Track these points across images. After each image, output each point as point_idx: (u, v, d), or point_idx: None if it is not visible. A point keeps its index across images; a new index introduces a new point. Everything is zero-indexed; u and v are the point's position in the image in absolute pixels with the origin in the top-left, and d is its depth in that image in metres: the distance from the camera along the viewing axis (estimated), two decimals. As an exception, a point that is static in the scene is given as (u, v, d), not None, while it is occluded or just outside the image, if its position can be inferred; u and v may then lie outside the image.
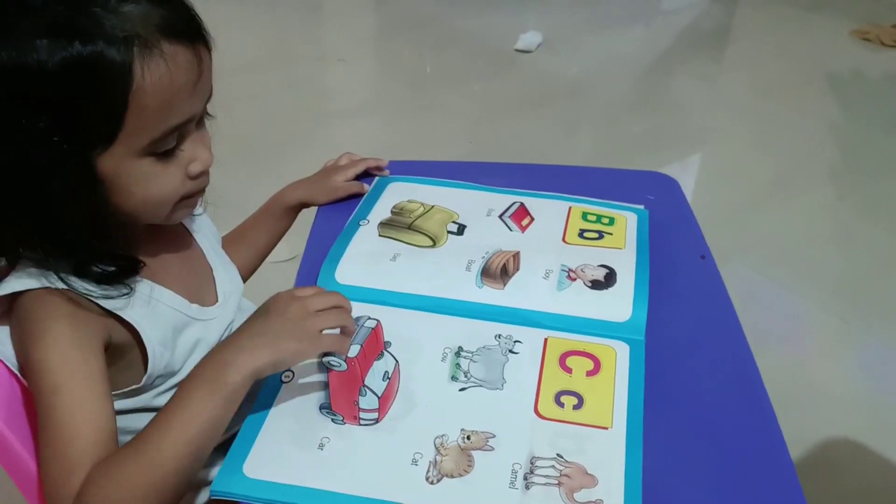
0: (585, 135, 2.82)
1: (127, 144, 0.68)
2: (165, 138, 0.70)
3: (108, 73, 0.64)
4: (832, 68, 3.26)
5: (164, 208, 0.75)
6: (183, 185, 0.75)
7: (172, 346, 0.80)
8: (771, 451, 0.76)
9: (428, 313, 0.89)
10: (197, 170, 0.74)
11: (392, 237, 1.00)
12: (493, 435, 0.74)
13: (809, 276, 2.07)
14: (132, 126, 0.67)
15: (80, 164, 0.67)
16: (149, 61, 0.65)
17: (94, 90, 0.64)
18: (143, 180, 0.71)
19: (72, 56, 0.62)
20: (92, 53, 0.63)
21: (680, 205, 1.13)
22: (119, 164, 0.69)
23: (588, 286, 0.93)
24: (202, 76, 0.71)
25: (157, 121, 0.68)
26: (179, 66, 0.67)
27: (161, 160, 0.71)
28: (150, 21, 0.65)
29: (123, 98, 0.65)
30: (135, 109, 0.66)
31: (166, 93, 0.67)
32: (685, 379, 0.84)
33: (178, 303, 0.81)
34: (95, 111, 0.65)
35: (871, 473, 1.56)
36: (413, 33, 3.45)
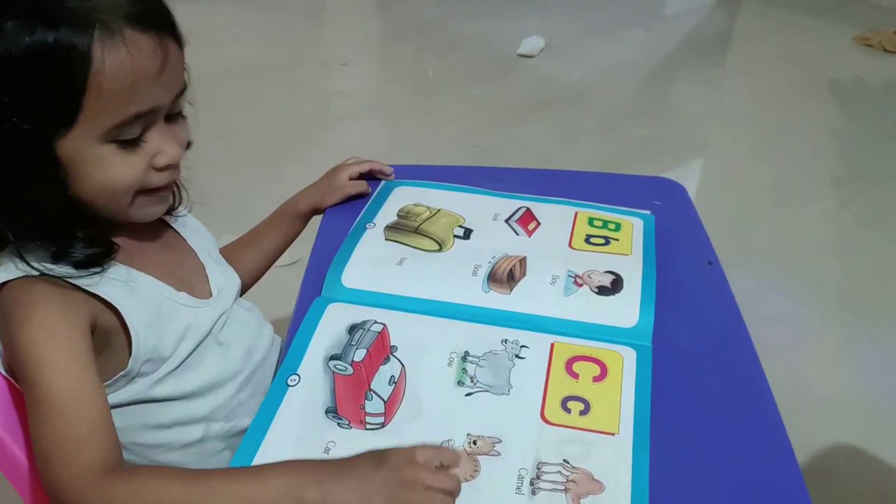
0: (587, 140, 2.82)
1: (87, 128, 0.68)
2: (127, 126, 0.70)
3: (68, 55, 0.65)
4: (834, 74, 3.26)
5: (122, 198, 0.75)
6: (145, 175, 0.74)
7: (159, 330, 0.79)
8: (778, 458, 0.75)
9: (434, 318, 0.89)
10: (162, 162, 0.75)
11: (398, 241, 1.00)
12: (499, 440, 0.74)
13: (811, 282, 2.07)
14: (92, 109, 0.67)
15: (41, 146, 0.68)
16: (109, 45, 0.66)
17: (54, 72, 0.65)
18: (102, 166, 0.71)
19: (34, 41, 0.64)
20: (54, 37, 0.64)
21: (687, 211, 1.13)
22: (80, 148, 0.69)
23: (595, 292, 0.93)
24: (167, 66, 0.71)
25: (118, 105, 0.68)
26: (141, 53, 0.68)
27: (123, 148, 0.72)
28: (116, 8, 0.67)
29: (82, 80, 0.66)
30: (94, 92, 0.67)
31: (126, 78, 0.68)
32: (692, 385, 0.84)
33: (162, 288, 0.81)
34: (55, 93, 0.66)
35: (873, 480, 1.56)
36: (416, 37, 3.45)
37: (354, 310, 0.89)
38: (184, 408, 0.83)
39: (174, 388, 0.81)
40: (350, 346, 0.84)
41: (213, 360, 0.85)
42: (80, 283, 0.73)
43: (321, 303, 0.90)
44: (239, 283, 0.94)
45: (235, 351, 0.87)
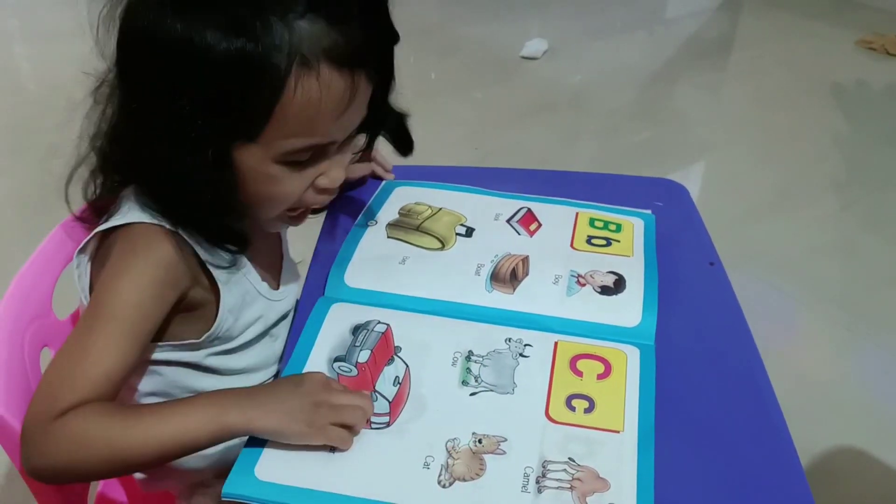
0: (589, 143, 2.82)
1: (265, 147, 0.71)
2: (301, 153, 0.73)
3: (263, 77, 0.67)
4: (836, 78, 3.26)
5: (276, 209, 0.79)
6: (306, 194, 0.78)
7: (237, 315, 0.83)
8: (781, 458, 0.76)
9: (438, 317, 0.89)
10: (323, 184, 0.78)
11: (400, 239, 1.00)
12: (504, 439, 0.74)
13: (813, 286, 2.07)
14: (272, 133, 0.70)
15: (219, 149, 0.70)
16: (303, 79, 0.68)
17: (247, 89, 0.67)
18: (269, 182, 0.74)
19: (235, 50, 0.65)
20: (253, 55, 0.66)
21: (689, 211, 1.14)
22: (252, 163, 0.72)
23: (598, 291, 0.93)
24: (352, 106, 0.72)
25: (297, 136, 0.71)
26: (331, 92, 0.70)
27: (292, 169, 0.74)
28: (319, 43, 0.68)
29: (270, 105, 0.68)
30: (278, 118, 0.69)
31: (311, 112, 0.70)
32: (695, 385, 0.84)
33: (254, 277, 0.86)
34: (242, 109, 0.68)
35: (874, 482, 1.56)
36: (418, 40, 3.45)
37: (358, 310, 0.89)
38: (220, 382, 0.86)
39: (222, 363, 0.86)
40: (354, 348, 0.84)
41: (261, 347, 0.90)
42: (202, 254, 0.77)
43: (325, 303, 0.90)
44: (300, 279, 0.97)
45: (279, 344, 0.93)
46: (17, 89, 3.00)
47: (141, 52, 0.69)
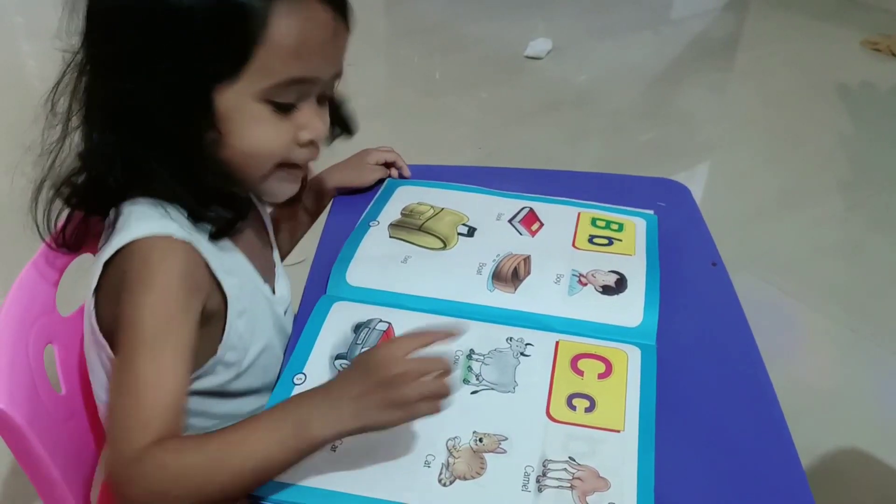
0: (593, 142, 2.82)
1: (249, 83, 0.70)
2: (287, 88, 0.72)
3: (250, 4, 0.67)
4: (842, 79, 3.25)
5: (264, 165, 0.77)
6: (289, 147, 0.77)
7: (249, 320, 0.81)
8: (781, 458, 0.76)
9: (439, 316, 0.89)
10: (307, 137, 0.77)
11: (402, 238, 1.01)
12: (505, 438, 0.75)
13: (818, 287, 2.07)
14: (259, 63, 0.69)
15: (201, 96, 0.70)
16: (291, 5, 0.69)
17: (232, 18, 0.67)
18: (254, 125, 0.73)
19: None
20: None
21: (691, 212, 1.14)
22: (236, 103, 0.71)
23: (599, 291, 0.93)
24: (335, 41, 0.74)
25: (284, 65, 0.71)
26: (317, 21, 0.71)
27: (276, 112, 0.74)
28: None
29: (257, 32, 0.68)
30: (265, 46, 0.69)
31: (297, 39, 0.70)
32: (696, 385, 0.84)
33: (255, 278, 0.84)
34: (229, 40, 0.68)
35: (876, 484, 1.55)
36: (423, 39, 3.46)
37: (359, 308, 0.90)
38: (234, 405, 0.84)
39: (243, 384, 0.83)
40: (356, 346, 0.84)
41: (264, 361, 0.86)
42: (214, 267, 0.75)
43: (326, 301, 0.91)
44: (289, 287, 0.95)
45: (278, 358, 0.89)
46: (22, 86, 3.00)
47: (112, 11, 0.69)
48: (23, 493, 1.40)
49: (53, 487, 0.77)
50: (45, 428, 0.76)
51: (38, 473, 0.76)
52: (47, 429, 0.76)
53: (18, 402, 0.72)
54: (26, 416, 0.72)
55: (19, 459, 0.75)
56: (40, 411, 0.76)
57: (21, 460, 0.74)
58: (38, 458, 0.74)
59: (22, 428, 0.71)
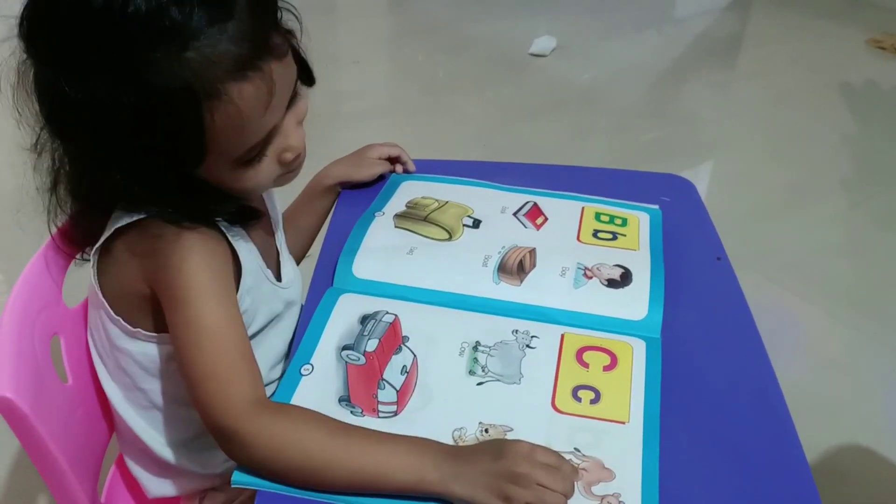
0: (597, 141, 2.82)
1: (216, 162, 0.72)
2: (249, 152, 0.73)
3: (178, 119, 0.66)
4: (846, 77, 3.25)
5: (260, 192, 0.82)
6: (277, 171, 0.78)
7: (252, 300, 0.83)
8: (786, 454, 0.76)
9: (445, 308, 0.90)
10: (289, 158, 0.78)
11: (408, 228, 1.01)
12: (510, 429, 0.75)
13: (822, 285, 2.07)
14: (215, 154, 0.70)
15: (178, 174, 0.72)
16: (216, 107, 0.67)
17: (169, 132, 0.67)
18: (239, 180, 0.75)
19: (138, 102, 0.65)
20: (159, 102, 0.65)
21: (696, 207, 1.14)
22: (214, 172, 0.73)
23: (604, 284, 0.93)
24: (274, 93, 0.71)
25: (237, 146, 0.72)
26: (247, 101, 0.68)
27: (253, 164, 0.75)
28: (213, 68, 0.65)
29: (199, 138, 0.68)
30: (212, 145, 0.69)
31: (238, 126, 0.69)
32: (701, 378, 0.84)
33: (261, 263, 0.86)
34: (176, 144, 0.68)
35: (881, 482, 1.55)
36: (427, 37, 3.46)
37: (366, 300, 0.90)
38: None
39: None
40: (362, 337, 0.84)
41: (272, 343, 0.89)
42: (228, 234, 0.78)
43: (333, 293, 0.91)
44: (300, 277, 0.96)
45: (282, 343, 0.92)
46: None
47: (61, 116, 0.69)
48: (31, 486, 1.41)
49: (61, 477, 0.78)
50: (52, 418, 0.76)
51: (46, 463, 0.76)
52: (54, 419, 0.77)
53: (25, 391, 0.72)
54: (32, 406, 0.72)
55: (27, 449, 0.75)
56: (47, 401, 0.77)
57: (28, 450, 0.75)
58: (45, 448, 0.74)
59: (29, 417, 0.71)
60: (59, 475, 0.77)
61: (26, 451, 0.75)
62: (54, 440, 0.75)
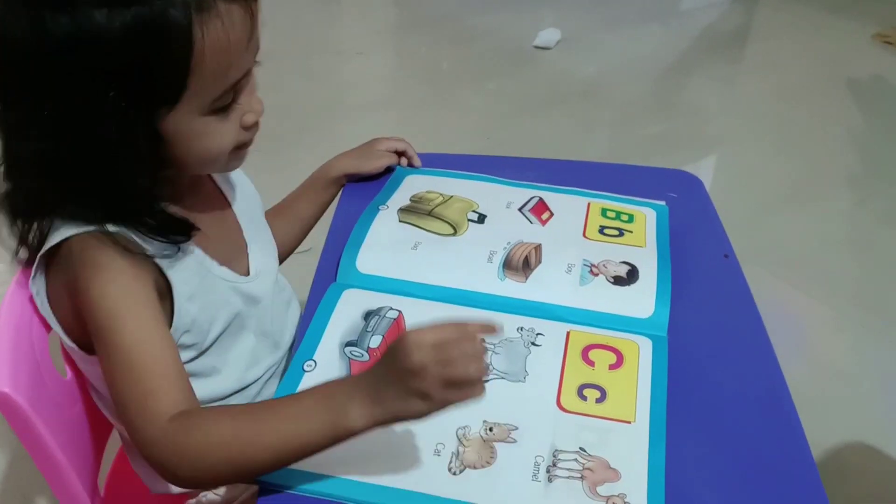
0: (601, 134, 2.81)
1: (190, 104, 0.69)
2: (225, 95, 0.71)
3: (170, 36, 0.64)
4: (853, 72, 3.23)
5: (220, 160, 0.77)
6: (238, 135, 0.76)
7: (200, 303, 0.79)
8: (793, 451, 0.75)
9: (450, 305, 0.89)
10: (251, 120, 0.76)
11: (412, 223, 1.00)
12: (515, 427, 0.74)
13: (827, 280, 2.06)
14: (194, 87, 0.68)
15: (145, 128, 0.68)
16: (207, 22, 0.65)
17: (157, 55, 0.65)
18: (203, 136, 0.72)
19: (131, 22, 0.62)
20: (151, 16, 0.63)
21: (703, 203, 1.13)
22: (181, 123, 0.70)
23: (610, 282, 0.92)
24: (254, 31, 0.71)
25: (218, 80, 0.69)
26: (235, 24, 0.68)
27: (219, 115, 0.73)
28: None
29: (185, 62, 0.66)
30: (196, 72, 0.67)
31: (225, 52, 0.68)
32: (707, 376, 0.83)
33: (208, 262, 0.81)
34: (159, 76, 0.66)
35: (887, 478, 1.55)
36: (431, 28, 3.44)
37: (370, 296, 0.89)
38: (207, 386, 0.83)
39: (203, 365, 0.82)
40: (366, 333, 0.84)
41: (247, 343, 0.86)
42: (147, 249, 0.74)
43: (336, 289, 0.90)
44: (276, 267, 0.94)
45: (264, 341, 0.89)
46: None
47: (33, 61, 0.65)
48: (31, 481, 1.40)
49: (60, 472, 0.77)
50: (50, 412, 0.76)
51: (44, 458, 0.76)
52: (52, 413, 0.76)
53: (22, 386, 0.72)
54: (30, 401, 0.72)
55: (25, 443, 0.75)
56: (44, 395, 0.76)
57: (27, 444, 0.74)
58: (43, 443, 0.74)
59: (26, 411, 0.71)
60: (58, 470, 0.77)
61: (24, 446, 0.74)
62: (53, 435, 0.75)
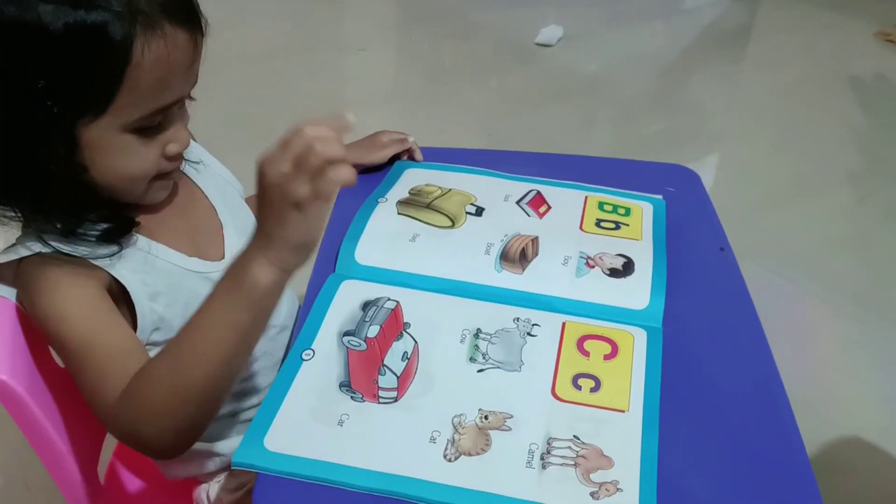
0: (603, 131, 2.81)
1: (115, 117, 0.69)
2: (152, 116, 0.71)
3: (110, 45, 0.64)
4: (854, 70, 3.23)
5: (138, 185, 0.76)
6: (158, 163, 0.75)
7: (168, 300, 0.79)
8: (785, 442, 0.76)
9: (447, 296, 0.90)
10: (174, 151, 0.76)
11: (410, 216, 1.01)
12: (510, 415, 0.75)
13: (826, 277, 2.06)
14: (124, 101, 0.68)
15: (64, 130, 0.68)
16: (150, 39, 0.66)
17: (94, 60, 0.65)
18: (121, 154, 0.72)
19: (74, 23, 0.63)
20: (95, 23, 0.63)
21: (700, 197, 1.13)
22: (102, 136, 0.69)
23: (606, 274, 0.93)
24: (195, 60, 0.72)
25: (149, 99, 0.69)
26: (178, 48, 0.68)
27: (142, 137, 0.72)
28: (155, 1, 0.66)
29: (120, 72, 0.66)
30: (129, 85, 0.67)
31: (162, 72, 0.68)
32: (702, 368, 0.84)
33: (175, 257, 0.81)
34: (91, 81, 0.66)
35: (883, 477, 1.55)
36: (433, 25, 3.45)
37: (368, 287, 0.90)
38: None
39: None
40: (364, 323, 0.84)
41: None
42: (95, 262, 0.74)
43: (335, 279, 0.91)
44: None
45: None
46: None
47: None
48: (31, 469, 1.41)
49: (59, 459, 0.78)
50: (48, 400, 0.77)
51: (43, 445, 0.77)
52: (50, 400, 0.77)
53: (20, 373, 0.73)
54: (28, 388, 0.73)
55: (24, 431, 0.76)
56: (43, 383, 0.77)
57: (26, 432, 0.75)
58: (42, 430, 0.75)
59: (24, 399, 0.72)
60: (58, 457, 0.78)
61: (24, 433, 0.75)
62: (51, 422, 0.76)
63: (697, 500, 0.70)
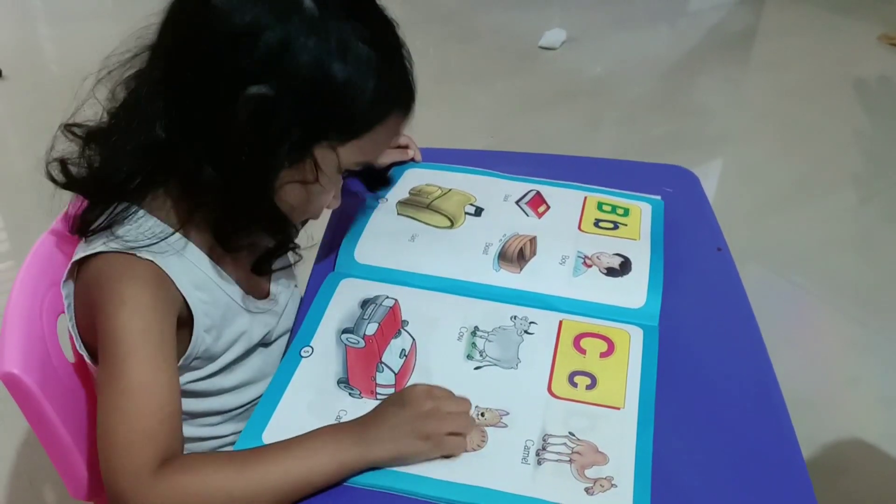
0: (607, 134, 2.82)
1: (348, 152, 0.75)
2: (358, 165, 0.78)
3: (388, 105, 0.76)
4: (858, 73, 3.23)
5: (298, 218, 0.81)
6: (323, 205, 0.82)
7: (217, 335, 0.80)
8: (779, 441, 0.76)
9: (445, 294, 0.91)
10: (333, 206, 0.83)
11: (410, 216, 1.02)
12: (506, 412, 0.76)
13: (829, 279, 2.07)
14: (361, 143, 0.75)
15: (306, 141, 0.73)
16: (400, 116, 0.78)
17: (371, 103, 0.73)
18: (321, 190, 0.77)
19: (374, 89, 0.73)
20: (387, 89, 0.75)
21: (698, 198, 1.14)
22: (326, 163, 0.75)
23: (603, 273, 0.94)
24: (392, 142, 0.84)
25: (370, 154, 0.78)
26: (394, 130, 0.79)
27: (336, 182, 0.80)
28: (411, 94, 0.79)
29: (375, 122, 0.75)
30: (373, 135, 0.75)
31: (387, 140, 0.80)
32: (697, 367, 0.84)
33: (234, 291, 0.82)
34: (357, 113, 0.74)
35: (883, 478, 1.55)
36: (438, 27, 3.46)
37: (367, 285, 0.91)
38: (210, 403, 0.84)
39: (208, 385, 0.82)
40: (362, 320, 0.85)
41: (255, 360, 0.86)
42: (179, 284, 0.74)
43: (334, 278, 0.92)
44: (295, 291, 0.94)
45: (276, 349, 0.89)
46: (40, 70, 3.03)
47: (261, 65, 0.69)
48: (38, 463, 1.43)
49: (65, 453, 0.79)
50: (58, 394, 0.77)
51: (50, 439, 0.77)
52: (60, 395, 0.78)
53: (31, 368, 0.74)
54: (39, 382, 0.74)
55: (32, 424, 0.76)
56: (53, 378, 0.78)
57: (34, 425, 0.76)
58: (49, 424, 0.76)
59: (34, 393, 0.73)
60: (63, 451, 0.78)
61: (32, 426, 0.76)
62: (59, 416, 0.76)
63: (691, 496, 0.70)
